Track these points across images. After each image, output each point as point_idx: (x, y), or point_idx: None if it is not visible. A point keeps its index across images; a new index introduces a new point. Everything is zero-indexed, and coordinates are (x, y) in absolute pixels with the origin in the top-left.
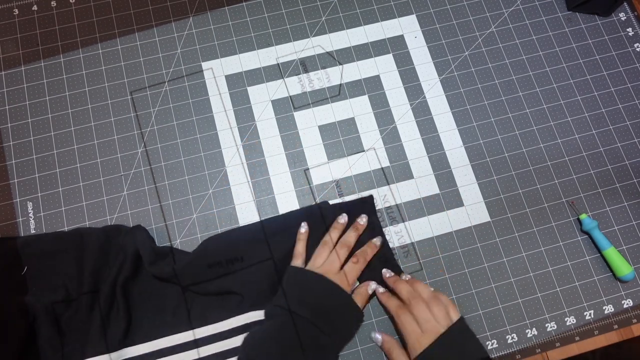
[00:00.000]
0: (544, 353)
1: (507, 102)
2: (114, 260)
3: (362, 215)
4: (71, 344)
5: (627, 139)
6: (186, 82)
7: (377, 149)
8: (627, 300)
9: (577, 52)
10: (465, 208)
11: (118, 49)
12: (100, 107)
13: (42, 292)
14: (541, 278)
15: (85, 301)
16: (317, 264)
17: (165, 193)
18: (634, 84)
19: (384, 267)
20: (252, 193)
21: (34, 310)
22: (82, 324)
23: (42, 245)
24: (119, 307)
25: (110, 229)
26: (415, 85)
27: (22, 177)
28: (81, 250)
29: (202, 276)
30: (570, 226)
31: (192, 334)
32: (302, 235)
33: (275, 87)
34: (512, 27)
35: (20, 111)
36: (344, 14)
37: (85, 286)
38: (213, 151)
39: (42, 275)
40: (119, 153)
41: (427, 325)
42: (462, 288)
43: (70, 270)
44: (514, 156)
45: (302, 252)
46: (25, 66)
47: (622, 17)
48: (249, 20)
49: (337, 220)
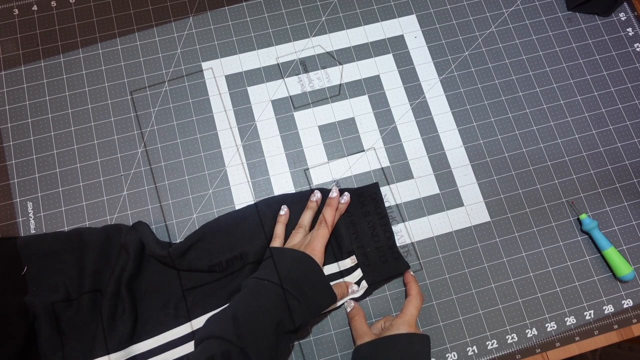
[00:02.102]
0: (544, 353)
1: (507, 102)
2: (116, 259)
3: (344, 193)
4: (71, 344)
5: (627, 139)
6: (186, 82)
7: (377, 149)
8: (627, 300)
9: (577, 52)
10: (465, 208)
11: (118, 49)
12: (100, 107)
13: (42, 292)
14: (541, 278)
15: (87, 301)
16: (292, 243)
17: (165, 193)
18: (634, 84)
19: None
20: (252, 193)
21: (34, 310)
22: (83, 324)
23: (42, 245)
24: (124, 306)
25: (111, 228)
26: (415, 85)
27: (22, 177)
28: (81, 250)
29: (198, 264)
30: (570, 226)
31: (190, 325)
32: (282, 217)
33: (275, 87)
34: (512, 27)
35: (20, 111)
36: (344, 14)
37: (85, 286)
38: (213, 151)
39: (42, 275)
40: (119, 153)
41: (411, 319)
42: (462, 288)
43: (71, 270)
44: (514, 156)
45: (280, 234)
46: (25, 66)
47: (622, 17)
48: (249, 20)
49: (310, 199)
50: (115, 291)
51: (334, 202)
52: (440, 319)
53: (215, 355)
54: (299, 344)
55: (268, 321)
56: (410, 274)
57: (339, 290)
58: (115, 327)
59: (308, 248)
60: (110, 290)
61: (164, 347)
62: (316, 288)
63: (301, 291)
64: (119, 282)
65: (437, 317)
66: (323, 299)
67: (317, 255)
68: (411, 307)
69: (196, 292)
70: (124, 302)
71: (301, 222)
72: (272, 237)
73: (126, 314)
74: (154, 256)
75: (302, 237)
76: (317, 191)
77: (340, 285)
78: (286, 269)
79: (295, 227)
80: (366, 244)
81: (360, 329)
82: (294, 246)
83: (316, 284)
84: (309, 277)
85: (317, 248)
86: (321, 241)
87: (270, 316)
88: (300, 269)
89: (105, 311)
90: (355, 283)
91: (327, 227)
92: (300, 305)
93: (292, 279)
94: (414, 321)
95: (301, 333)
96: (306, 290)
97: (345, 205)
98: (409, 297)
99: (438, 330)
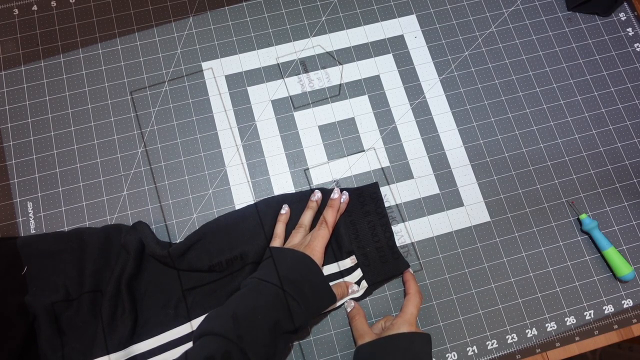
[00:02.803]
0: (544, 353)
1: (507, 102)
2: (116, 259)
3: (344, 192)
4: (71, 344)
5: (627, 139)
6: (186, 82)
7: (377, 149)
8: (627, 300)
9: (577, 52)
10: (465, 208)
11: (118, 49)
12: (100, 107)
13: (42, 292)
14: (541, 278)
15: (87, 301)
16: (292, 243)
17: (165, 193)
18: (634, 84)
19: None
20: (252, 193)
21: (34, 310)
22: (84, 324)
23: (42, 245)
24: (124, 307)
25: (111, 228)
26: (415, 85)
27: (22, 177)
28: (81, 250)
29: (198, 264)
30: (570, 226)
31: (190, 325)
32: (282, 217)
33: (275, 87)
34: (512, 27)
35: (20, 111)
36: (344, 14)
37: (86, 286)
38: (213, 151)
39: (42, 275)
40: (119, 153)
41: (411, 317)
42: (462, 288)
43: (71, 270)
44: (514, 156)
45: (280, 234)
46: (25, 66)
47: (622, 17)
48: (249, 20)
49: (311, 198)
50: (115, 291)
51: (336, 203)
52: (440, 319)
53: (215, 354)
54: (299, 344)
55: (267, 321)
56: (409, 272)
57: (338, 290)
58: (115, 327)
59: (308, 248)
60: (110, 291)
61: (164, 347)
62: (315, 289)
63: (300, 292)
64: (119, 282)
65: (437, 317)
66: (322, 299)
67: (317, 256)
68: (411, 306)
69: (196, 292)
70: (124, 302)
71: (301, 222)
72: (272, 237)
73: (126, 314)
74: (154, 256)
75: (302, 237)
76: (317, 191)
77: (340, 285)
78: (286, 270)
79: (296, 227)
80: (366, 244)
81: (360, 328)
82: (294, 246)
83: (315, 284)
84: (309, 278)
85: (317, 248)
86: (321, 241)
87: (269, 317)
88: (300, 269)
89: (105, 311)
90: (356, 283)
91: (328, 228)
92: (299, 306)
93: (291, 280)
94: (414, 320)
95: (301, 333)
96: (305, 291)
97: (345, 205)
98: (407, 296)
99: (438, 330)
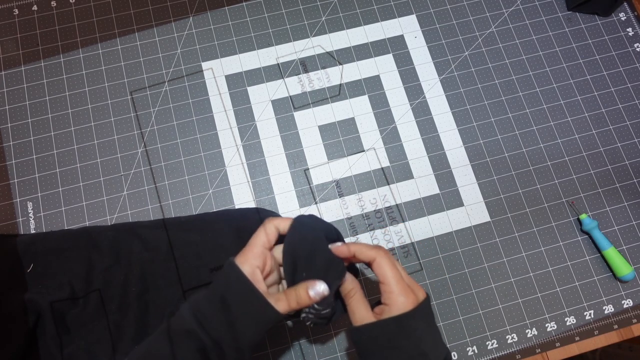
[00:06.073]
0: (544, 353)
1: (507, 102)
2: (125, 261)
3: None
4: (76, 342)
5: (627, 139)
6: (186, 82)
7: (377, 149)
8: (627, 300)
9: (577, 52)
10: (465, 208)
11: (118, 49)
12: (100, 107)
13: (48, 290)
14: (541, 278)
15: (93, 300)
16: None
17: (165, 193)
18: (634, 84)
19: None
20: (252, 193)
21: (39, 308)
22: (89, 322)
23: (48, 242)
24: (127, 313)
25: (120, 227)
26: (415, 85)
27: (22, 177)
28: (89, 249)
29: (199, 264)
30: (570, 226)
31: None
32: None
33: (275, 87)
34: (512, 27)
35: (20, 111)
36: (344, 14)
37: (93, 284)
38: (213, 151)
39: (48, 273)
40: (119, 153)
41: (397, 284)
42: (462, 288)
43: (77, 269)
44: (514, 156)
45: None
46: (25, 66)
47: (622, 17)
48: (249, 20)
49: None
50: (121, 297)
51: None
52: (440, 319)
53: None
54: (299, 344)
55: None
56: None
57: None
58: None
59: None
60: (116, 296)
61: None
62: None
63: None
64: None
65: (437, 317)
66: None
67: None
68: (387, 271)
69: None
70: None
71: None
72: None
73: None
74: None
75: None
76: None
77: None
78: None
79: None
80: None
81: (358, 311)
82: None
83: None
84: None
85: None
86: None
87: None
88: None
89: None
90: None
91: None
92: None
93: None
94: (402, 283)
95: (301, 333)
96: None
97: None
98: (375, 263)
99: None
